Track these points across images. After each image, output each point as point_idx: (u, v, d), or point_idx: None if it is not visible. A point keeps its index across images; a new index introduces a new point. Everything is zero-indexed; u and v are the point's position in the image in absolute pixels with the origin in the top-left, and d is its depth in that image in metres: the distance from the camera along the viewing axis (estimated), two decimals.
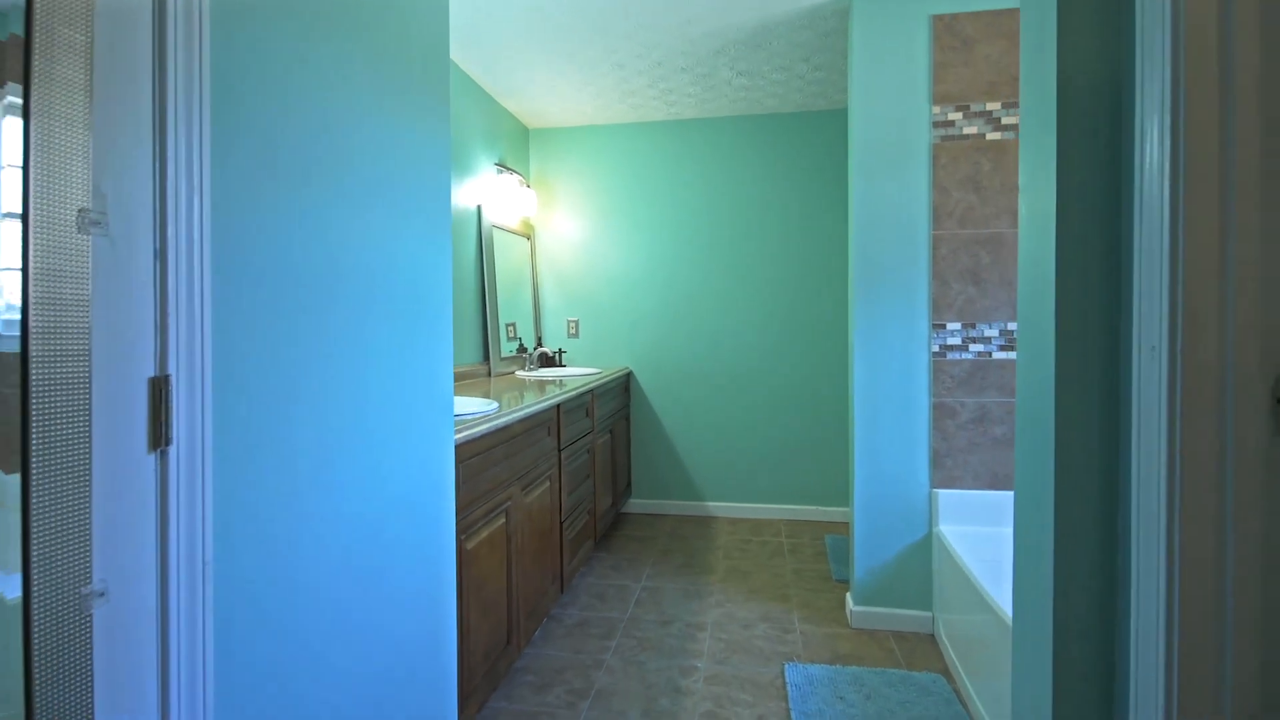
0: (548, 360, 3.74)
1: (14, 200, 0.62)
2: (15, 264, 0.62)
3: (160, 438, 0.74)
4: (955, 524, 2.36)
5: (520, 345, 3.64)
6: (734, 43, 2.81)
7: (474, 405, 1.97)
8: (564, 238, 3.96)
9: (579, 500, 2.78)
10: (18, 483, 0.61)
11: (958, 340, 2.38)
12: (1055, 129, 0.98)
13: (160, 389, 0.74)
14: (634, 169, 3.88)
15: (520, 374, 3.41)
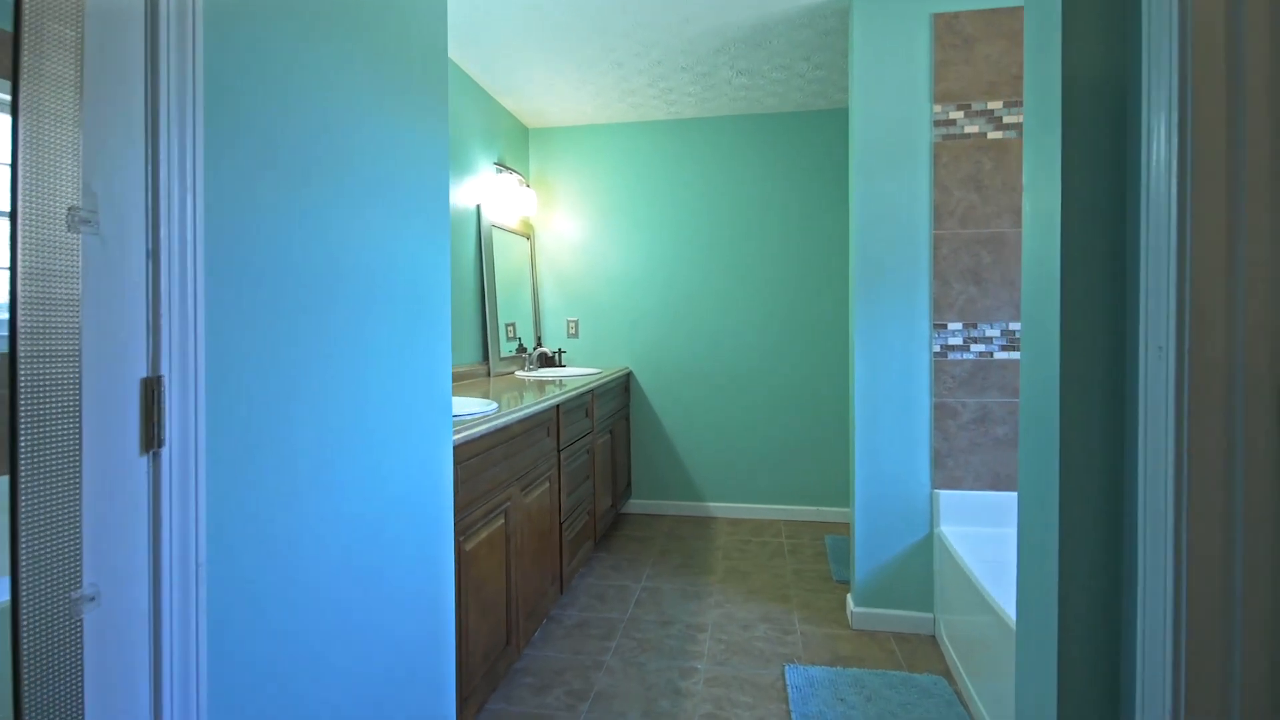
0: (547, 360, 3.73)
1: (2, 198, 0.61)
2: (3, 263, 0.61)
3: (152, 439, 0.73)
4: (956, 525, 2.35)
5: (520, 345, 3.63)
6: (733, 41, 2.80)
7: (473, 405, 1.96)
8: (564, 237, 3.95)
9: (578, 501, 2.77)
10: (6, 485, 0.60)
11: (959, 340, 2.37)
12: (1059, 127, 0.98)
13: (152, 390, 0.73)
14: (634, 169, 3.87)
15: (520, 374, 3.40)
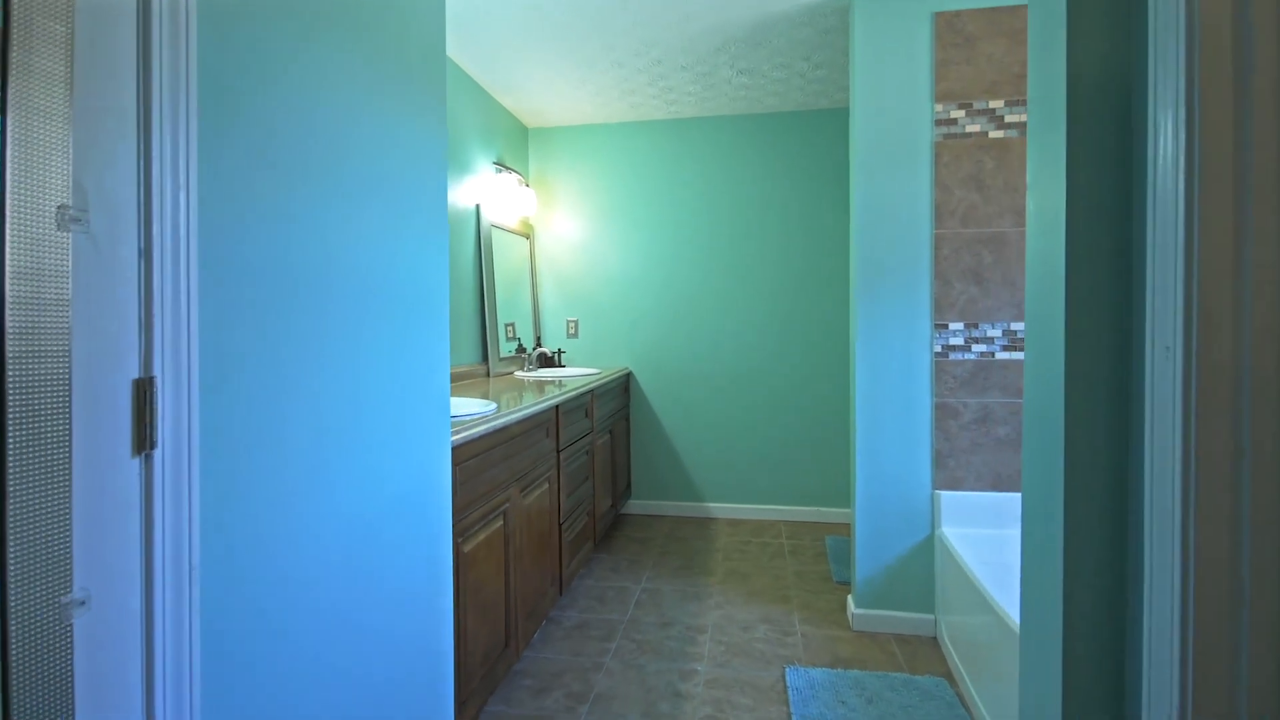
0: (547, 360, 3.72)
1: None
2: None
3: (145, 441, 0.72)
4: (958, 526, 2.34)
5: (519, 345, 3.62)
6: (733, 40, 2.79)
7: (472, 406, 1.95)
8: (563, 237, 3.94)
9: (578, 501, 2.76)
10: None
11: (960, 340, 2.35)
12: (1064, 126, 0.97)
13: (145, 391, 0.72)
14: (634, 168, 3.85)
15: (519, 374, 3.39)
